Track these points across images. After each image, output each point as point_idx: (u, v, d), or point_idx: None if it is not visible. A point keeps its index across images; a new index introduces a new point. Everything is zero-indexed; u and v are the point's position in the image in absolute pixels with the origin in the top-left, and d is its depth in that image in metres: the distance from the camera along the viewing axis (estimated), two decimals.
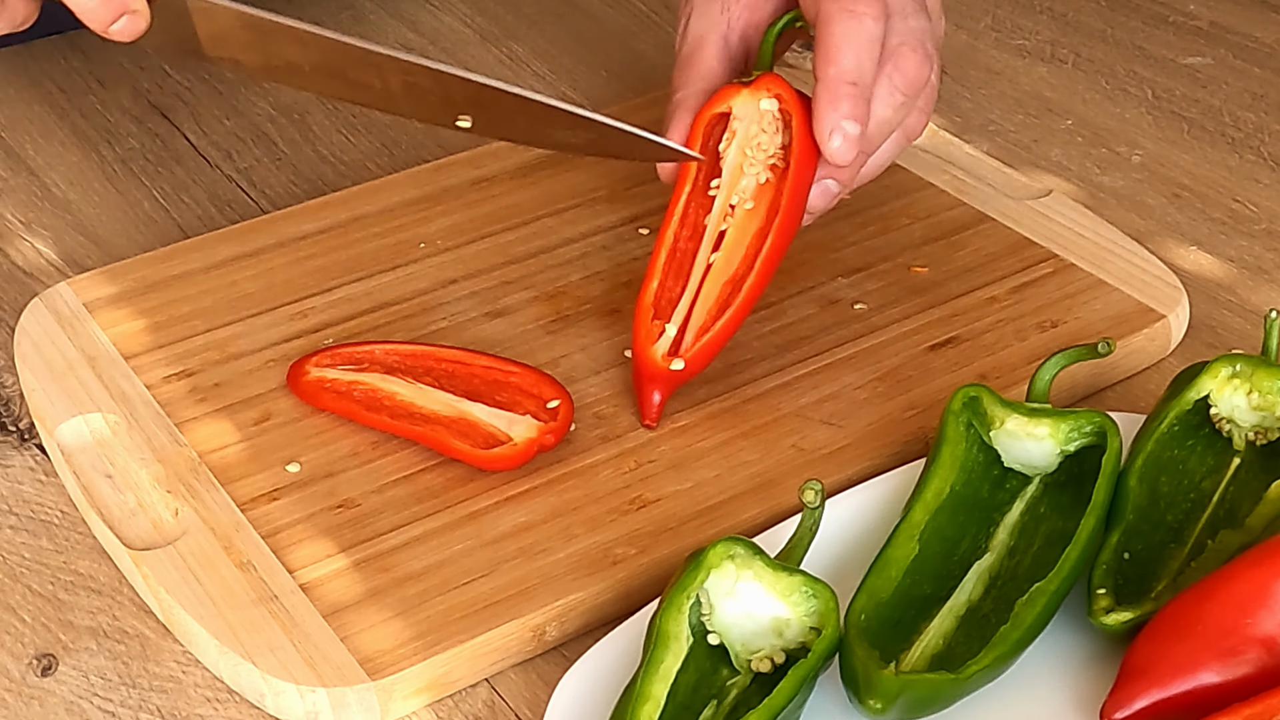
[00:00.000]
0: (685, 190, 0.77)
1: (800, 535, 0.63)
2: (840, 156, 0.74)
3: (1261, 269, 0.88)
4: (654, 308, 0.76)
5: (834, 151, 0.74)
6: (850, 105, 0.73)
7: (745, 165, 0.76)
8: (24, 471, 0.76)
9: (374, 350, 0.78)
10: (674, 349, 0.75)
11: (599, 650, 0.64)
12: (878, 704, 0.60)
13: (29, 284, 0.87)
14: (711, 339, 0.75)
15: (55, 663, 0.67)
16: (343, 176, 0.96)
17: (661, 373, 0.74)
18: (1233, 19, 1.10)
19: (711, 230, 0.76)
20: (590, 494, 0.72)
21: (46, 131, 1.01)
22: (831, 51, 0.73)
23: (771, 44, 0.78)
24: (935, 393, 0.77)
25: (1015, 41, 1.09)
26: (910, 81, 0.75)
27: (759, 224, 0.76)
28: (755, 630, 0.62)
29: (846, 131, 0.73)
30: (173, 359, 0.79)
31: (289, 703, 0.64)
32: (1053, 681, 0.64)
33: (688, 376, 0.75)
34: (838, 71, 0.73)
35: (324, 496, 0.72)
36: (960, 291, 0.83)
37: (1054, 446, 0.67)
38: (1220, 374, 0.69)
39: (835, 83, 0.73)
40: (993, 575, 0.66)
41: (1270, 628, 0.59)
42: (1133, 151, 0.97)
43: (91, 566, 0.71)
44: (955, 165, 0.93)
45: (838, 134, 0.73)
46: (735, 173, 0.77)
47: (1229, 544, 0.65)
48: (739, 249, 0.76)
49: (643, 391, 0.75)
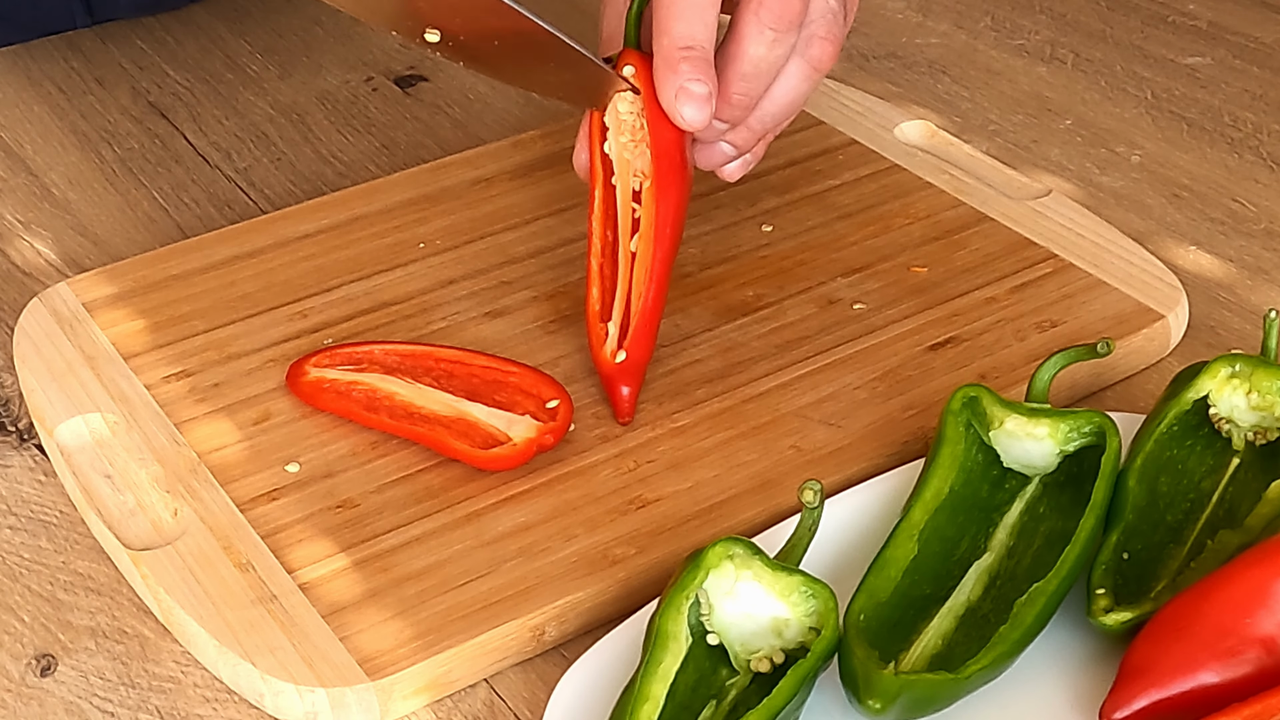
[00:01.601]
0: (597, 188, 0.77)
1: (799, 535, 0.63)
2: (691, 120, 0.73)
3: (1261, 269, 0.88)
4: (600, 312, 0.77)
5: (683, 117, 0.73)
6: (689, 67, 0.73)
7: (630, 145, 0.76)
8: (23, 471, 0.76)
9: (373, 350, 0.78)
10: (619, 343, 0.76)
11: (598, 650, 0.64)
12: (877, 704, 0.60)
13: (28, 284, 0.87)
14: (639, 323, 0.75)
15: (54, 663, 0.67)
16: (342, 176, 0.96)
17: (612, 369, 0.75)
18: (1232, 19, 1.10)
19: (624, 219, 0.77)
20: (589, 494, 0.72)
21: (46, 131, 1.01)
22: (662, 23, 0.73)
23: (634, 20, 0.77)
24: (934, 393, 0.77)
25: (1014, 41, 1.09)
26: (779, 15, 0.73)
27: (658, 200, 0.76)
28: (754, 630, 0.62)
29: (691, 93, 0.73)
30: (172, 359, 0.79)
31: (288, 703, 0.64)
32: (1052, 681, 0.64)
33: (637, 364, 0.75)
34: (669, 40, 0.73)
35: (323, 496, 0.72)
36: (960, 291, 0.83)
37: (1053, 446, 0.67)
38: (1219, 374, 0.69)
39: (668, 51, 0.73)
40: (992, 575, 0.66)
41: (1269, 628, 0.59)
42: (1132, 151, 0.97)
43: (91, 567, 0.71)
44: (955, 165, 0.93)
45: (682, 97, 0.73)
46: (621, 157, 0.77)
47: (1228, 544, 0.66)
48: (650, 229, 0.76)
49: (609, 391, 0.76)
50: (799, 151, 0.94)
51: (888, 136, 0.96)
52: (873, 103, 0.99)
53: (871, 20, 1.12)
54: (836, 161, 0.93)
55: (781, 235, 0.87)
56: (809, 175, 0.92)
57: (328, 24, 1.11)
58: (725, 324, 0.81)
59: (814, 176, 0.92)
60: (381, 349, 0.78)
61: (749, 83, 0.75)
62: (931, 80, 1.05)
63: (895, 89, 1.04)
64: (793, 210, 0.89)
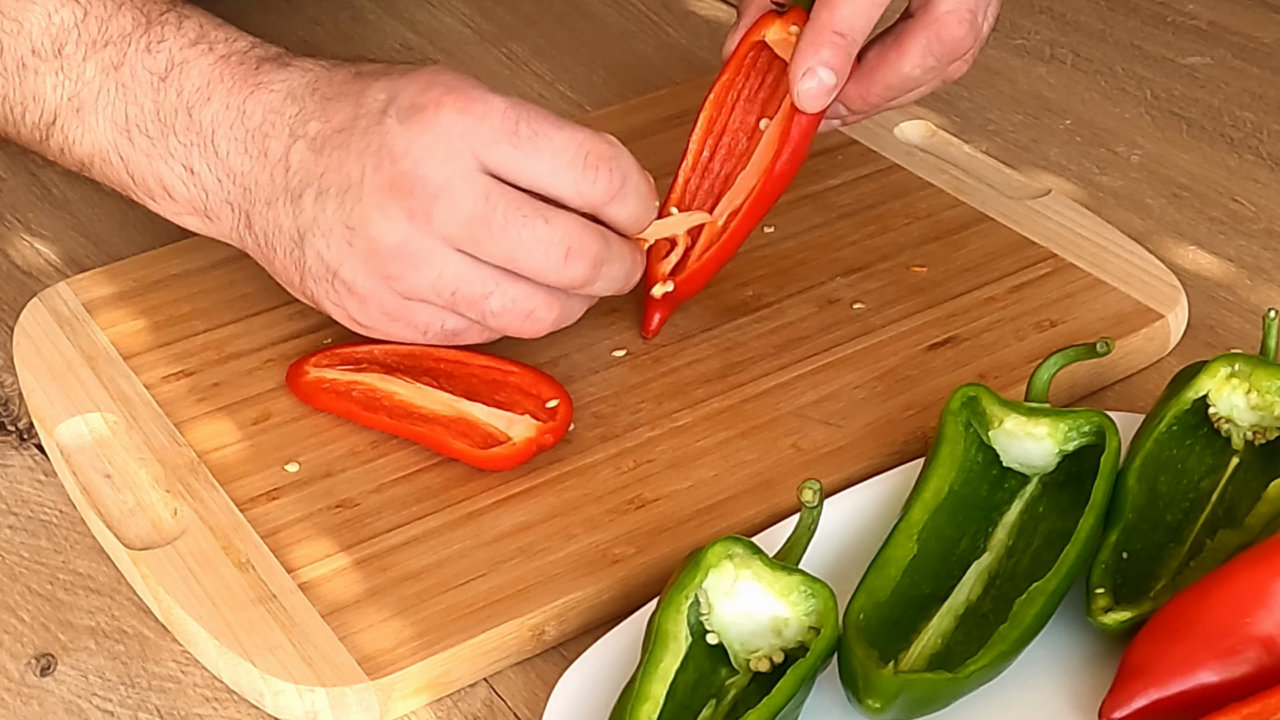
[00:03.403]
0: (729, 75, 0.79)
1: (799, 535, 0.63)
2: (807, 102, 0.75)
3: (1260, 268, 0.88)
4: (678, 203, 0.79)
5: (801, 94, 0.75)
6: (831, 53, 0.74)
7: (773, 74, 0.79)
8: (23, 471, 0.76)
9: (373, 350, 0.78)
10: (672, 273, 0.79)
11: (598, 650, 0.64)
12: (876, 703, 0.60)
13: (28, 284, 0.87)
14: (701, 266, 0.79)
15: (54, 662, 0.67)
16: None
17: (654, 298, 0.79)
18: (1232, 19, 1.10)
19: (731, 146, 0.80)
20: (589, 493, 0.72)
21: None
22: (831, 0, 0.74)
23: None
24: (934, 392, 0.77)
25: (1014, 41, 1.09)
26: (948, 50, 0.76)
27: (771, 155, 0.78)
28: (754, 630, 0.62)
29: (820, 78, 0.74)
30: (172, 359, 0.79)
31: (288, 702, 0.64)
32: (1051, 681, 0.64)
33: (677, 300, 0.79)
34: (828, 17, 0.74)
35: (323, 496, 0.72)
36: (959, 291, 0.83)
37: (1053, 446, 0.67)
38: (1219, 373, 0.69)
39: (822, 28, 0.74)
40: (991, 575, 0.66)
41: (1269, 627, 0.59)
42: (1131, 151, 0.97)
43: (90, 566, 0.71)
44: (954, 165, 0.93)
45: (810, 76, 0.74)
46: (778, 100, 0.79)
47: (1227, 543, 0.66)
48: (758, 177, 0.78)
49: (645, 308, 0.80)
50: None
51: (887, 136, 0.96)
52: None
53: None
54: (836, 161, 0.93)
55: (781, 235, 0.88)
56: (809, 175, 0.92)
57: (327, 24, 1.11)
58: (725, 324, 0.81)
59: (814, 176, 0.92)
60: (381, 349, 0.78)
61: (892, 91, 0.78)
62: None
63: None
64: (793, 210, 0.89)
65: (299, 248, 0.72)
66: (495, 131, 0.69)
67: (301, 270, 0.73)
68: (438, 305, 0.72)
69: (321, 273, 0.72)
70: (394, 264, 0.70)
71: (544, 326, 0.73)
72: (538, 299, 0.72)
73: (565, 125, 0.70)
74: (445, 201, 0.69)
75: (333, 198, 0.71)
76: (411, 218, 0.69)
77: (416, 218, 0.69)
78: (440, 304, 0.72)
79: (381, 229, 0.69)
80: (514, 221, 0.69)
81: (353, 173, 0.70)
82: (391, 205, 0.69)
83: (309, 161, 0.71)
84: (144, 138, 0.75)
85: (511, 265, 0.70)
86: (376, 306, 0.72)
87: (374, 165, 0.70)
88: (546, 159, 0.69)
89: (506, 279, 0.71)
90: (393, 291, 0.71)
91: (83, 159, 0.77)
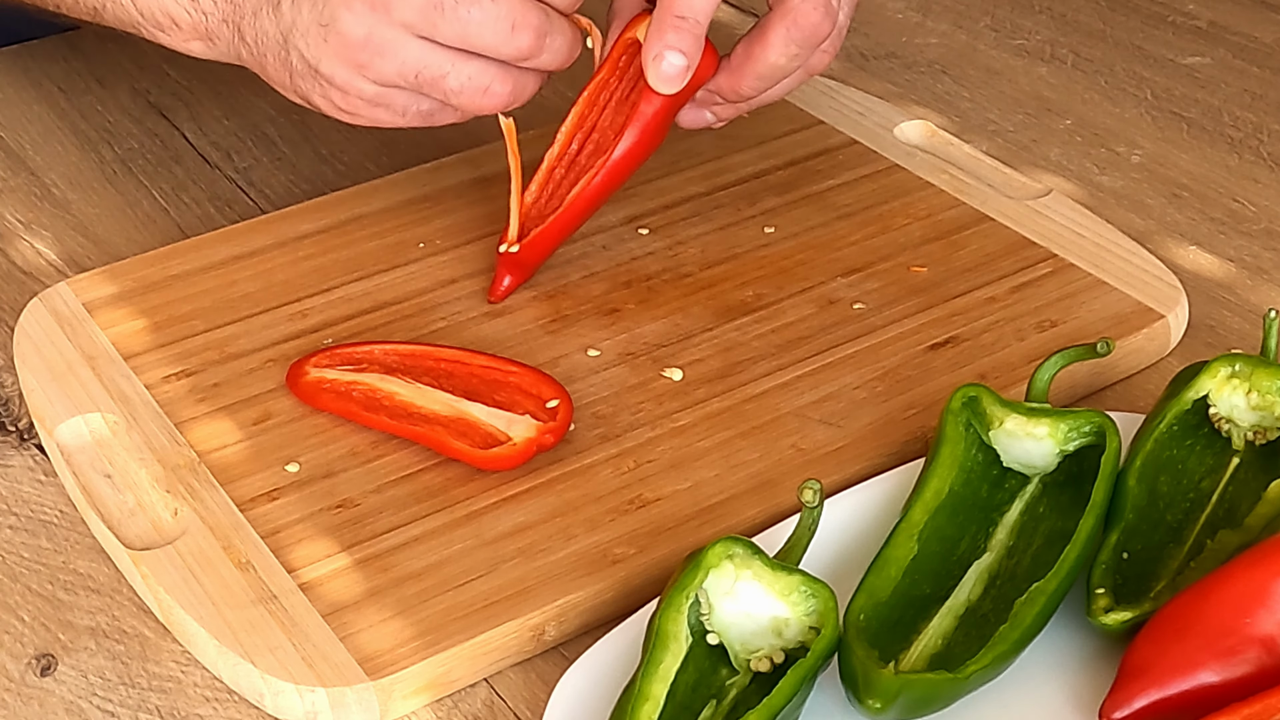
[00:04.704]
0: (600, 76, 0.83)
1: (799, 535, 0.63)
2: (660, 83, 0.78)
3: (1260, 268, 0.88)
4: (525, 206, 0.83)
5: (655, 77, 0.78)
6: (675, 36, 0.78)
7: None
8: (23, 471, 0.76)
9: (373, 350, 0.78)
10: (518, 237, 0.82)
11: (598, 650, 0.64)
12: (877, 703, 0.60)
13: (29, 284, 0.87)
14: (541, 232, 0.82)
15: (54, 662, 0.67)
16: (342, 176, 0.96)
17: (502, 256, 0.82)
18: (1232, 19, 1.10)
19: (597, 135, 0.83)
20: (589, 494, 0.72)
21: (46, 131, 1.01)
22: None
23: None
24: (934, 392, 0.77)
25: (1014, 41, 1.09)
26: (806, 36, 0.79)
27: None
28: (754, 630, 0.62)
29: (668, 61, 0.78)
30: (172, 359, 0.79)
31: (288, 702, 0.64)
32: (1052, 681, 0.64)
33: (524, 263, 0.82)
34: (670, 3, 0.78)
35: (323, 496, 0.72)
36: (959, 291, 0.83)
37: (1053, 446, 0.67)
38: (1219, 374, 0.69)
39: (665, 13, 0.78)
40: (992, 575, 0.66)
41: (1269, 627, 0.59)
42: (1132, 151, 0.97)
43: (90, 566, 0.71)
44: (955, 165, 0.93)
45: (658, 60, 0.78)
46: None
47: (1228, 544, 0.66)
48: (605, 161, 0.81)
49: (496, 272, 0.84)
50: (799, 151, 0.94)
51: (888, 136, 0.96)
52: (873, 103, 0.99)
53: (871, 20, 1.12)
54: (836, 161, 0.93)
55: (781, 235, 0.88)
56: (809, 175, 0.92)
57: None
58: (725, 324, 0.81)
59: (814, 176, 0.92)
60: (381, 349, 0.78)
61: (762, 82, 0.81)
62: (931, 80, 1.05)
63: (895, 89, 1.04)
64: (793, 210, 0.89)
65: (284, 49, 0.79)
66: None
67: (290, 70, 0.80)
68: (407, 89, 0.78)
69: (305, 70, 0.79)
70: (363, 53, 0.77)
71: (501, 100, 0.79)
72: (491, 74, 0.78)
73: None
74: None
75: (306, 1, 0.78)
76: (374, 9, 0.76)
77: (378, 9, 0.76)
78: (408, 87, 0.78)
79: (349, 23, 0.76)
80: (463, 2, 0.76)
81: None
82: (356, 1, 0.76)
83: None
84: None
85: (464, 43, 0.77)
86: (356, 94, 0.79)
87: None
88: None
89: (462, 58, 0.77)
90: (367, 79, 0.78)
91: (95, 4, 0.86)
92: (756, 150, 0.94)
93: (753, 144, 0.95)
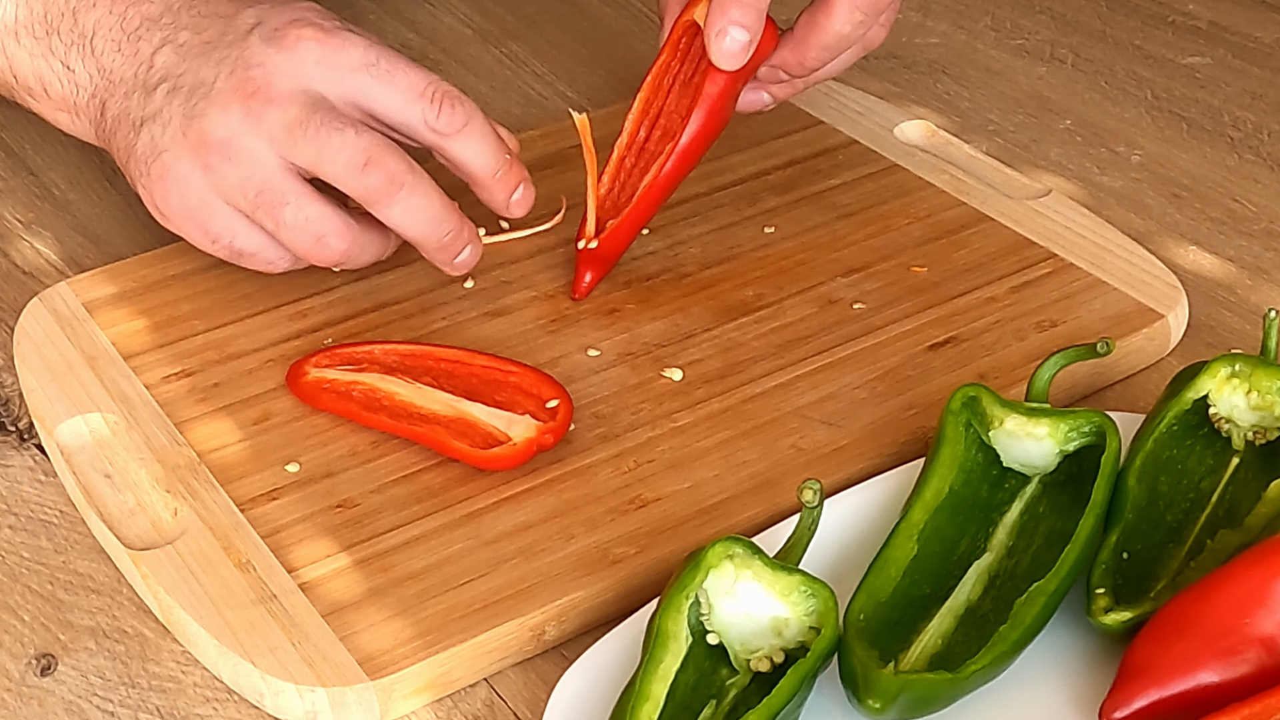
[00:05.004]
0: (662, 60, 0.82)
1: (799, 535, 0.63)
2: (723, 60, 0.78)
3: (1260, 268, 0.88)
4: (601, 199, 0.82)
5: (718, 54, 0.78)
6: (738, 11, 0.77)
7: None
8: (23, 471, 0.76)
9: (373, 350, 0.78)
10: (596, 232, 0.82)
11: (598, 650, 0.64)
12: (877, 704, 0.60)
13: (29, 284, 0.87)
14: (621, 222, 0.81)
15: (54, 662, 0.67)
16: None
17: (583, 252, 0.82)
18: (1232, 19, 1.10)
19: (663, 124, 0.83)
20: (589, 494, 0.72)
21: (46, 131, 1.00)
22: None
23: None
24: (934, 392, 0.77)
25: (1014, 41, 1.09)
26: (872, 3, 0.79)
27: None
28: (754, 630, 0.62)
29: (732, 35, 0.77)
30: (172, 359, 0.79)
31: (288, 702, 0.64)
32: (1052, 681, 0.64)
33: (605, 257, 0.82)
34: None
35: (323, 496, 0.72)
36: (959, 291, 0.83)
37: (1053, 446, 0.67)
38: (1219, 374, 0.69)
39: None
40: (992, 575, 0.66)
41: (1269, 627, 0.59)
42: (1132, 151, 0.97)
43: (91, 566, 0.71)
44: (955, 165, 0.93)
45: (721, 36, 0.77)
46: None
47: (1228, 544, 0.66)
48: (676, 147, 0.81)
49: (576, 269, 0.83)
50: (799, 151, 0.94)
51: (888, 136, 0.96)
52: (873, 103, 0.99)
53: None
54: (836, 161, 0.93)
55: (781, 235, 0.88)
56: (809, 175, 0.92)
57: None
58: (725, 324, 0.81)
59: (814, 176, 0.92)
60: (381, 349, 0.78)
61: (828, 52, 0.81)
62: (931, 80, 1.05)
63: (895, 89, 1.04)
64: (793, 210, 0.89)
65: (135, 132, 0.77)
66: (354, 63, 0.75)
67: (130, 152, 0.78)
68: (238, 211, 0.76)
69: (147, 154, 0.77)
70: (215, 155, 0.75)
71: (332, 255, 0.77)
72: (332, 224, 0.76)
73: (420, 67, 0.76)
74: (279, 107, 0.74)
75: (182, 94, 0.76)
76: (246, 117, 0.74)
77: (250, 117, 0.74)
78: (242, 208, 0.76)
79: (215, 122, 0.75)
80: (327, 125, 0.74)
81: (207, 76, 0.76)
82: (233, 104, 0.75)
83: (172, 63, 0.77)
84: (30, 39, 0.80)
85: (316, 167, 0.74)
86: (180, 197, 0.76)
87: (229, 71, 0.75)
88: (400, 90, 0.75)
89: (309, 196, 0.75)
90: (204, 184, 0.76)
91: None
92: (756, 150, 0.94)
93: (753, 144, 0.95)
